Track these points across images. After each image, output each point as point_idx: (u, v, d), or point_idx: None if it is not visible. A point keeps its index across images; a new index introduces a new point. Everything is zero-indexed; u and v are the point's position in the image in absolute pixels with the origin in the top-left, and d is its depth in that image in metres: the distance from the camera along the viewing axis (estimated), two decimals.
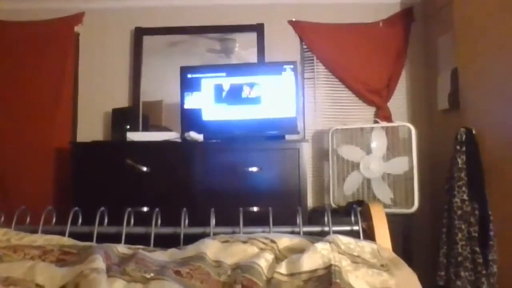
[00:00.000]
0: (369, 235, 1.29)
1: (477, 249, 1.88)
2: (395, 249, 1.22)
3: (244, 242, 1.16)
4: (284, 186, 2.13)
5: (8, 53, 2.83)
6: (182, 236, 1.33)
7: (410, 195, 2.38)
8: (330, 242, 1.10)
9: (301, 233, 1.32)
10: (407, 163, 2.39)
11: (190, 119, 2.37)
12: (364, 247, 1.14)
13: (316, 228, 1.37)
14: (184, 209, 1.39)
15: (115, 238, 1.32)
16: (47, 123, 2.74)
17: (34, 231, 1.32)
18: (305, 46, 2.91)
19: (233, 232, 1.34)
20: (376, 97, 2.79)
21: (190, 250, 1.16)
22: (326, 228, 1.33)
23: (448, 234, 1.99)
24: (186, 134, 2.22)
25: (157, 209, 1.38)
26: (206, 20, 2.88)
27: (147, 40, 2.88)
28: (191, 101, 2.39)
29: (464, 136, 2.00)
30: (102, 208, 1.40)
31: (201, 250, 1.13)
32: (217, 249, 1.14)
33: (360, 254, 1.10)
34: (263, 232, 1.30)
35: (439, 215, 2.14)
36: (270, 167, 2.15)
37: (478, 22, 2.04)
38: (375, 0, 2.89)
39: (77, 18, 2.90)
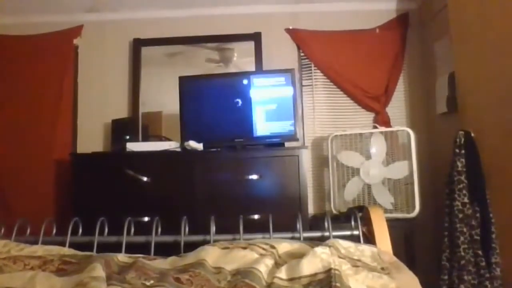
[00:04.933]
0: (370, 239, 1.28)
1: (480, 252, 1.86)
2: (397, 254, 1.21)
3: (244, 248, 1.15)
4: (284, 193, 2.13)
5: (8, 67, 2.86)
6: (182, 244, 1.32)
7: (411, 200, 2.38)
8: (329, 246, 1.09)
9: (301, 238, 1.31)
10: (407, 168, 2.39)
11: (189, 128, 2.38)
12: (364, 250, 1.13)
13: (317, 234, 1.37)
14: (185, 217, 1.38)
15: (115, 248, 1.32)
16: (48, 135, 2.76)
17: (34, 242, 1.32)
18: (302, 54, 2.93)
19: (234, 239, 1.33)
20: (374, 103, 2.80)
21: (190, 257, 1.16)
22: (326, 233, 1.33)
23: (450, 238, 1.98)
24: (186, 143, 2.22)
25: (157, 218, 1.38)
26: (204, 30, 2.90)
27: (146, 51, 2.91)
28: (190, 111, 2.39)
29: (463, 139, 2.00)
30: (102, 218, 1.40)
31: (201, 257, 1.13)
32: (217, 255, 1.14)
33: (360, 258, 1.10)
34: (263, 238, 1.30)
35: (440, 219, 2.13)
36: (270, 175, 2.15)
37: (473, 25, 2.06)
38: (371, 7, 2.91)
39: (76, 31, 2.93)
